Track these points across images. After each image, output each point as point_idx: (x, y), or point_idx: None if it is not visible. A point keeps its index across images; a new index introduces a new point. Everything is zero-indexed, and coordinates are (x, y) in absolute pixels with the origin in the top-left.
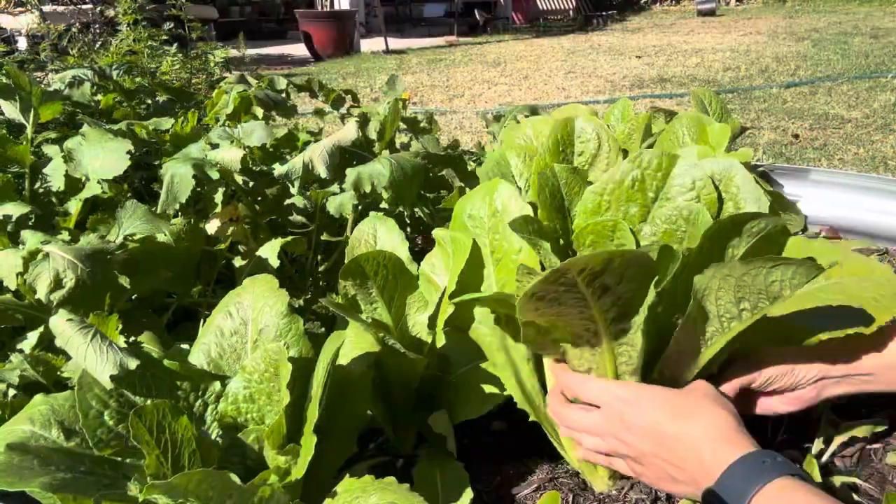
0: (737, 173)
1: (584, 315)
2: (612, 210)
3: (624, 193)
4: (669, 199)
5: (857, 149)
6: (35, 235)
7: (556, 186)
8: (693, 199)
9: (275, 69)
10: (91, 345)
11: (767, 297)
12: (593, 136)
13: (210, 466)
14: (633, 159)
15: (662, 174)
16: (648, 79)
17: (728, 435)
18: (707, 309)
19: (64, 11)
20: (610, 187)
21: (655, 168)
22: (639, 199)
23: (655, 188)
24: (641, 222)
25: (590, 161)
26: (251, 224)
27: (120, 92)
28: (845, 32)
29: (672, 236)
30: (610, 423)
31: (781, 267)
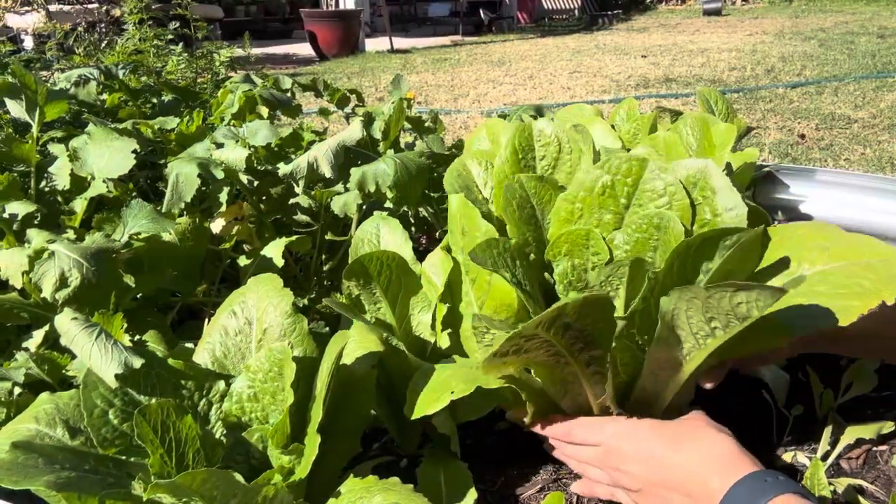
0: (712, 176)
1: (552, 351)
2: (584, 218)
3: (595, 200)
4: (641, 206)
5: (863, 149)
6: (41, 234)
7: (525, 197)
8: (665, 205)
9: (280, 68)
10: (96, 343)
11: (736, 318)
12: (553, 138)
13: (214, 465)
14: (603, 164)
15: (633, 179)
16: (654, 78)
17: (729, 458)
18: (678, 328)
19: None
20: (581, 195)
21: (625, 173)
22: (611, 206)
23: (627, 194)
24: (616, 229)
25: (552, 164)
26: (256, 223)
27: (125, 91)
28: (852, 32)
29: (645, 244)
30: (609, 458)
31: (743, 292)
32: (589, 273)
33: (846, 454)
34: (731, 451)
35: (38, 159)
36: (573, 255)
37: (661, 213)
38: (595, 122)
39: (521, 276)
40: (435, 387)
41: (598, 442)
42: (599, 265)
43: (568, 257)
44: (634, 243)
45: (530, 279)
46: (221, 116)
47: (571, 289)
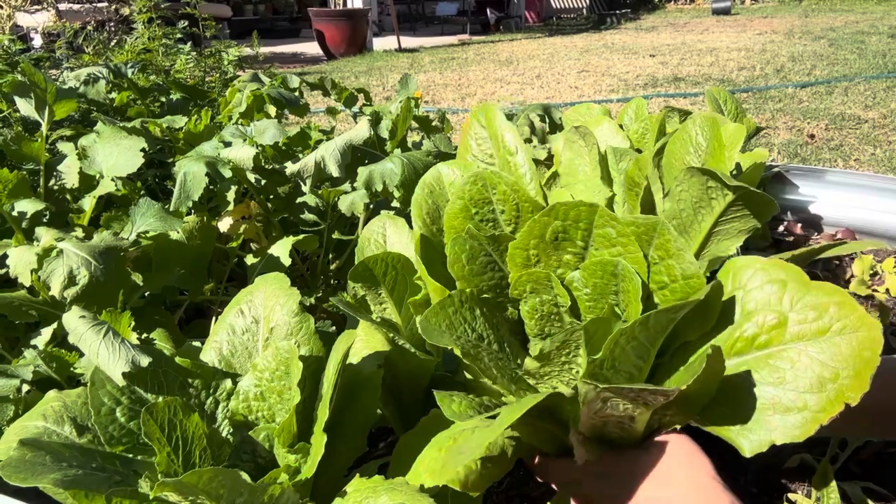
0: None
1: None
2: (542, 262)
3: (549, 246)
4: (598, 250)
5: (873, 149)
6: (49, 232)
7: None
8: (618, 253)
9: (288, 67)
10: (104, 341)
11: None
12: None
13: (221, 464)
14: (549, 212)
15: (584, 224)
16: (662, 78)
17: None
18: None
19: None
20: (533, 241)
21: (574, 219)
22: (569, 248)
23: (582, 237)
24: (576, 268)
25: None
26: (263, 222)
27: (134, 90)
28: (862, 32)
29: (606, 288)
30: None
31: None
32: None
33: (855, 456)
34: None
35: (48, 157)
36: (539, 292)
37: (615, 262)
38: (603, 122)
39: (482, 328)
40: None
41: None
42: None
43: (535, 294)
44: (594, 287)
45: (493, 324)
46: (229, 115)
47: (543, 322)
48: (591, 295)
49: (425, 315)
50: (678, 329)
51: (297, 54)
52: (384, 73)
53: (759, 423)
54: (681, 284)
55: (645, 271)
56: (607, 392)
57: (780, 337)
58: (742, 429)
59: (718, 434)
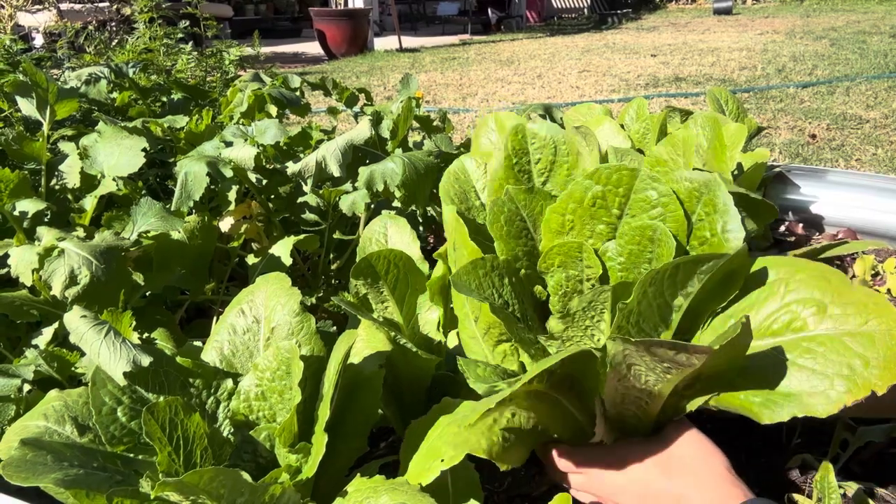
0: (718, 192)
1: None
2: (576, 229)
3: (587, 212)
4: (634, 217)
5: (875, 149)
6: (51, 232)
7: (514, 211)
8: (659, 216)
9: (289, 67)
10: (105, 341)
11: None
12: (548, 141)
13: (222, 464)
14: (592, 174)
15: (624, 189)
16: (664, 78)
17: (722, 486)
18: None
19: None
20: (571, 206)
21: (615, 183)
22: (604, 217)
23: (619, 204)
24: (609, 239)
25: (548, 168)
26: (264, 222)
27: (135, 90)
28: (864, 31)
29: (640, 256)
30: (601, 486)
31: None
32: (584, 284)
33: (857, 457)
34: (723, 479)
35: (49, 157)
36: (567, 266)
37: (654, 226)
38: (604, 122)
39: (509, 296)
40: (426, 453)
41: (590, 470)
42: (593, 278)
43: (562, 269)
44: (628, 255)
45: (519, 295)
46: (231, 115)
47: (566, 299)
48: (623, 264)
49: (457, 271)
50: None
51: (298, 54)
52: (385, 72)
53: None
54: (719, 238)
55: (685, 232)
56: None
57: (818, 324)
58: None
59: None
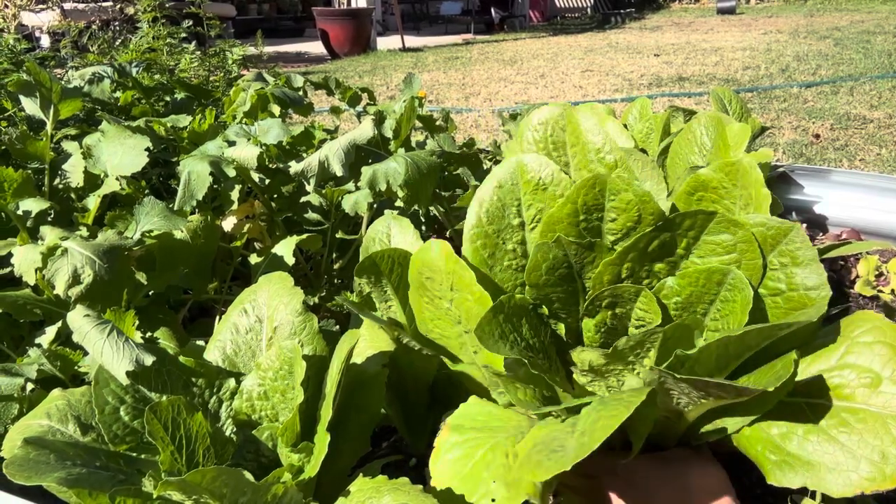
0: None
1: None
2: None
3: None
4: (702, 258)
5: (879, 149)
6: (54, 231)
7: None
8: (732, 261)
9: (292, 67)
10: (108, 340)
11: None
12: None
13: (224, 463)
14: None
15: (695, 233)
16: (667, 77)
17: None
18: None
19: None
20: (632, 255)
21: (686, 227)
22: (665, 257)
23: (686, 245)
24: (668, 275)
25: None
26: (267, 221)
27: (139, 89)
28: (868, 31)
29: (700, 298)
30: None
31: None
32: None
33: None
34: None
35: (52, 156)
36: (618, 305)
37: (724, 270)
38: (607, 122)
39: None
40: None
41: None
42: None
43: (610, 308)
44: (687, 296)
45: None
46: (233, 114)
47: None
48: (680, 304)
49: (479, 324)
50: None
51: (301, 53)
52: (388, 72)
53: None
54: (799, 295)
55: (758, 279)
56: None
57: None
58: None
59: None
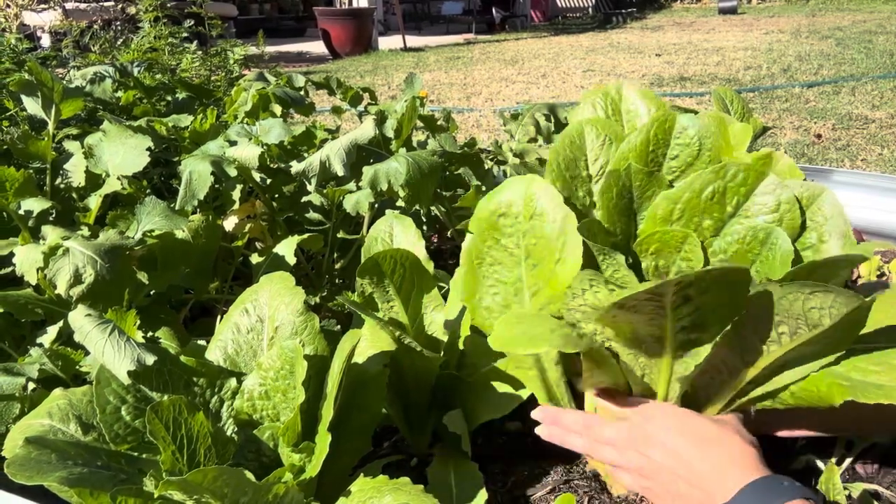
0: (826, 201)
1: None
2: (683, 220)
3: (700, 205)
4: (748, 218)
5: (881, 149)
6: (55, 231)
7: (627, 187)
8: (775, 221)
9: (293, 66)
10: (109, 340)
11: (807, 324)
12: (694, 141)
13: (225, 463)
14: (717, 170)
15: (746, 190)
16: (668, 77)
17: (750, 462)
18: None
19: (86, 8)
20: (686, 196)
21: (740, 182)
22: (715, 213)
23: (736, 203)
24: (713, 236)
25: (683, 169)
26: (268, 221)
27: (140, 89)
28: (870, 31)
29: (744, 257)
30: (633, 436)
31: (820, 294)
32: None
33: (862, 458)
34: (751, 458)
35: (54, 156)
36: (661, 255)
37: (769, 228)
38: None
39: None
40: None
41: (630, 416)
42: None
43: (655, 257)
44: (733, 254)
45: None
46: (235, 114)
47: None
48: (724, 262)
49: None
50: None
51: (302, 53)
52: (389, 72)
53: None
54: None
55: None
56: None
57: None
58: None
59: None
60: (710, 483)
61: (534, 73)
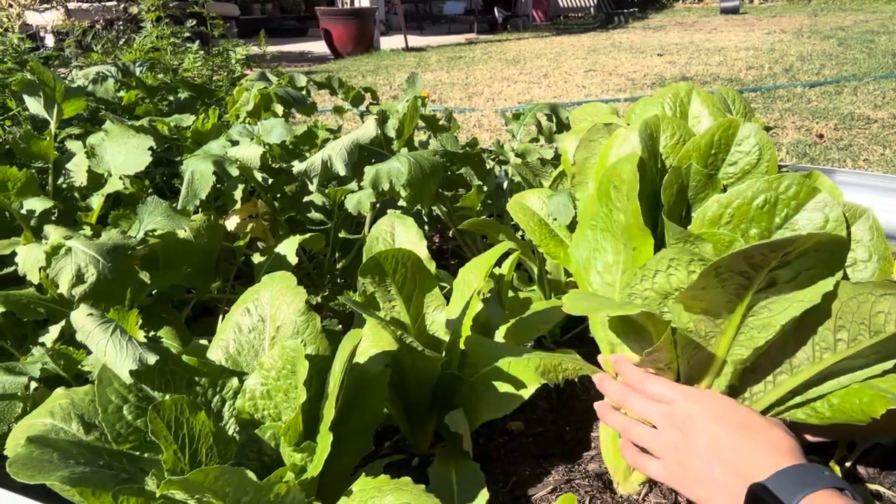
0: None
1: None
2: (731, 225)
3: (750, 212)
4: (795, 231)
5: (883, 149)
6: (58, 230)
7: (685, 186)
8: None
9: (295, 66)
10: (111, 339)
11: (869, 330)
12: (754, 148)
13: (227, 462)
14: (771, 181)
15: (797, 203)
16: (670, 77)
17: (789, 451)
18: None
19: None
20: (738, 202)
21: (792, 196)
22: (763, 222)
23: (785, 215)
24: None
25: (739, 176)
26: (270, 221)
27: (142, 88)
28: (872, 31)
29: None
30: (674, 415)
31: (891, 298)
32: None
33: (863, 459)
34: (793, 449)
35: (56, 156)
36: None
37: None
38: (611, 122)
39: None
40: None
41: (674, 400)
42: None
43: None
44: None
45: None
46: (237, 114)
47: None
48: None
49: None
50: None
51: (304, 53)
52: (391, 72)
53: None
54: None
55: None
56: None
57: None
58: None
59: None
60: (746, 467)
61: (535, 72)
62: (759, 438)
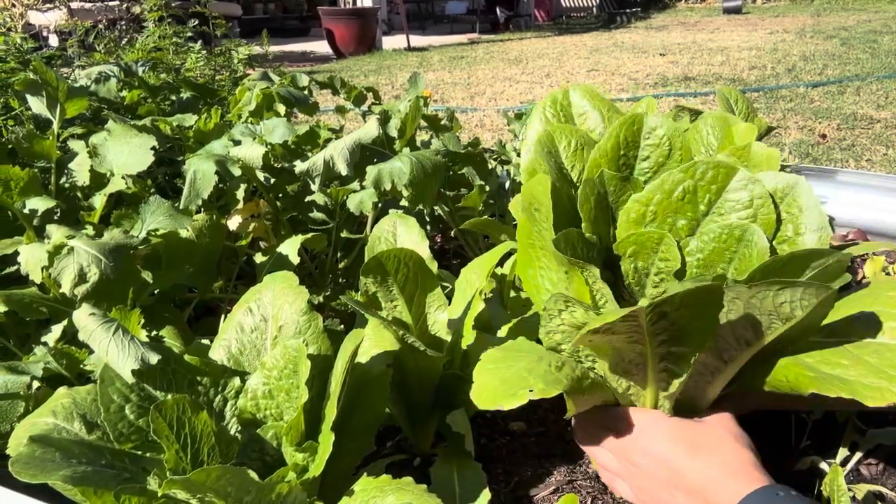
0: (801, 193)
1: (634, 339)
2: (657, 221)
3: (672, 205)
4: (722, 215)
5: (885, 150)
6: (60, 230)
7: (603, 195)
8: (749, 217)
9: (297, 66)
10: (113, 339)
11: (779, 318)
12: (664, 140)
13: (229, 462)
14: (686, 169)
15: (717, 187)
16: (673, 77)
17: (745, 470)
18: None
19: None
20: (657, 197)
21: (710, 180)
22: (688, 212)
23: (708, 201)
24: (689, 236)
25: (655, 170)
26: (272, 220)
27: (145, 88)
28: (875, 31)
29: (721, 256)
30: (625, 447)
31: (788, 289)
32: (650, 278)
33: (866, 460)
34: (747, 464)
35: (59, 155)
36: (639, 257)
37: (744, 226)
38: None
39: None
40: (510, 379)
41: (621, 429)
42: (666, 272)
43: (633, 259)
44: (710, 252)
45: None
46: (239, 114)
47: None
48: (701, 262)
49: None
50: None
51: (306, 53)
52: (393, 71)
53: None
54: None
55: (772, 234)
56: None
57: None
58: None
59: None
60: (706, 493)
61: (538, 72)
62: (714, 459)
